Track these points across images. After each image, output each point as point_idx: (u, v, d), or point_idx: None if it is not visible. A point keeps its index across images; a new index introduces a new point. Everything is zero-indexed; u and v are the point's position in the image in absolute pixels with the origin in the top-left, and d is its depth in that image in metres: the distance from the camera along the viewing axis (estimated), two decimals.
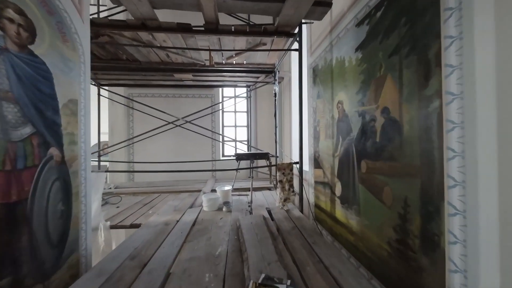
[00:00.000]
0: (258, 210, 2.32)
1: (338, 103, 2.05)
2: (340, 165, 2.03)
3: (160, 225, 2.00)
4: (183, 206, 2.61)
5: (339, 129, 2.05)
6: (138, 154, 4.57)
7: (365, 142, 1.63)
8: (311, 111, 2.76)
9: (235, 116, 5.00)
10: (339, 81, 2.03)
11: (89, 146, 1.81)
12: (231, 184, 3.67)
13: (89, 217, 1.79)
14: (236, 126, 5.01)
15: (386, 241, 1.43)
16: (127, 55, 2.99)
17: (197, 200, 2.84)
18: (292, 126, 3.66)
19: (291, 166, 2.19)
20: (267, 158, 2.41)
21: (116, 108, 4.65)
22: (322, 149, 2.46)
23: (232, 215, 2.21)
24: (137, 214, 2.49)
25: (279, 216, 2.07)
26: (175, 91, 4.60)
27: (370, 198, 1.58)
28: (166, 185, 3.93)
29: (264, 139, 4.62)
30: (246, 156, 2.43)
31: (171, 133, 4.49)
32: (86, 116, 1.76)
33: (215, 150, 4.64)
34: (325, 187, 2.36)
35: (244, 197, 2.97)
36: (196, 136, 4.40)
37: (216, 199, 2.37)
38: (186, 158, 4.54)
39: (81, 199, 1.70)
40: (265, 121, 4.63)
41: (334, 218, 2.15)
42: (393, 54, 1.33)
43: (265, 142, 4.59)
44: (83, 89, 1.73)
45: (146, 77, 3.78)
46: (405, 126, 1.25)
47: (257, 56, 2.95)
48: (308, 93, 2.79)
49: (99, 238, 2.12)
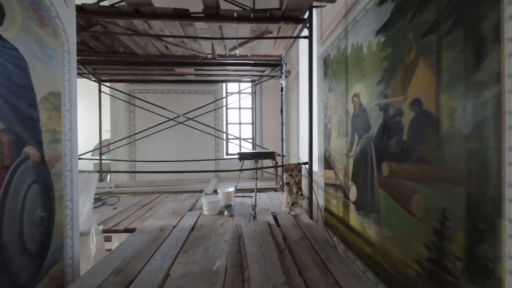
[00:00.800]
0: (262, 214, 2.12)
1: (353, 96, 1.81)
2: (356, 167, 1.80)
3: (155, 231, 1.82)
4: (183, 208, 2.43)
5: (355, 126, 1.81)
6: (140, 152, 4.44)
7: (388, 140, 1.39)
8: (321, 107, 2.52)
9: (239, 112, 4.79)
10: (355, 71, 1.79)
11: (76, 145, 1.64)
12: (235, 184, 3.48)
13: (76, 222, 1.63)
14: (240, 123, 4.81)
15: (414, 259, 1.19)
16: (124, 47, 2.82)
17: (197, 202, 2.66)
18: (300, 123, 3.43)
19: (299, 167, 1.98)
20: (272, 157, 2.20)
21: (118, 105, 4.52)
22: (333, 148, 2.23)
23: (234, 220, 2.02)
24: (133, 217, 2.33)
25: (286, 222, 1.86)
26: (177, 87, 4.43)
27: (393, 206, 1.34)
28: (168, 184, 3.78)
29: (269, 137, 4.40)
30: (250, 156, 2.23)
31: (173, 131, 4.33)
32: (72, 112, 1.59)
33: (218, 149, 4.46)
34: (337, 190, 2.13)
35: (248, 199, 2.77)
36: (198, 134, 4.23)
37: (217, 202, 2.18)
38: (188, 156, 4.37)
39: (66, 203, 1.54)
40: (270, 118, 4.40)
41: (348, 225, 1.92)
42: (428, 33, 1.09)
43: (271, 140, 4.37)
44: (68, 81, 1.56)
45: (146, 72, 3.62)
46: (444, 121, 1.01)
47: (262, 47, 2.73)
48: (318, 86, 2.54)
49: (90, 244, 1.97)
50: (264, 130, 4.41)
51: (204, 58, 3.00)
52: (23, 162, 1.23)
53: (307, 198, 2.13)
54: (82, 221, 1.99)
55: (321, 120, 2.50)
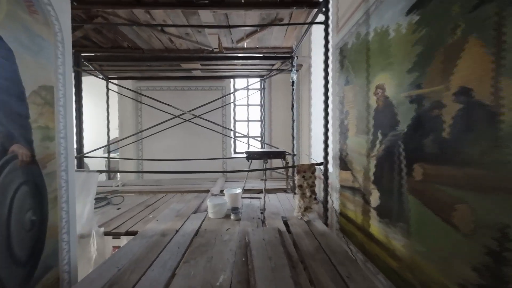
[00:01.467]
0: (272, 219, 1.95)
1: (376, 89, 1.59)
2: (379, 168, 1.58)
3: (156, 235, 1.70)
4: (187, 210, 2.30)
5: (378, 122, 1.59)
6: (147, 150, 4.38)
7: (422, 138, 1.17)
8: (336, 101, 2.30)
9: (247, 110, 4.62)
10: (378, 59, 1.57)
11: (71, 143, 1.53)
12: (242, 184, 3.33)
13: (73, 225, 1.52)
14: (248, 121, 4.64)
15: (457, 282, 0.99)
16: (128, 42, 2.71)
17: (203, 203, 2.53)
18: (312, 120, 3.21)
19: (313, 168, 1.79)
20: (283, 157, 2.02)
21: (126, 102, 4.48)
22: (351, 147, 2.01)
23: (241, 224, 1.86)
24: (136, 218, 2.22)
25: (299, 229, 1.68)
26: (184, 84, 4.31)
27: (428, 217, 1.13)
28: (174, 183, 3.69)
29: (279, 135, 4.21)
30: (259, 155, 2.06)
31: (180, 129, 4.23)
32: (67, 107, 1.48)
33: (226, 147, 4.32)
34: (355, 193, 1.92)
35: (256, 201, 2.61)
36: (205, 132, 4.10)
37: (223, 204, 2.03)
38: (195, 155, 4.27)
39: (61, 205, 1.43)
40: (280, 115, 4.21)
41: (368, 233, 1.72)
42: (482, 4, 0.87)
43: (280, 138, 4.17)
44: (62, 74, 1.45)
45: (152, 68, 3.52)
46: (506, 114, 0.80)
47: (271, 38, 2.53)
48: (333, 79, 2.32)
49: (91, 247, 1.88)
50: (273, 128, 4.22)
51: (210, 52, 2.84)
52: (9, 161, 1.12)
53: (322, 202, 1.94)
54: (83, 223, 1.90)
55: (337, 116, 2.29)
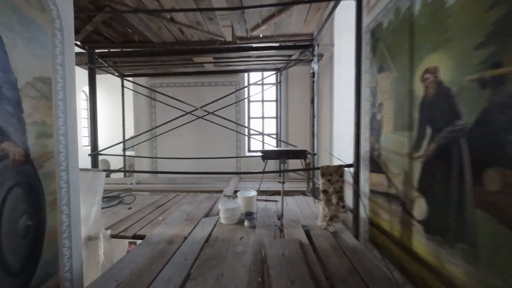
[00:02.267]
0: (291, 228, 1.71)
1: (425, 73, 1.28)
2: (427, 172, 1.28)
3: (163, 242, 1.54)
4: (198, 213, 2.14)
5: (426, 114, 1.29)
6: (161, 148, 4.33)
7: (501, 134, 0.87)
8: (366, 93, 1.99)
9: (262, 105, 4.39)
10: (428, 37, 1.26)
11: (74, 140, 1.41)
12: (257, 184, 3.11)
13: (76, 230, 1.41)
14: (263, 117, 4.41)
15: None
16: (138, 35, 2.59)
17: (215, 206, 2.35)
18: (334, 116, 2.90)
19: (340, 171, 1.52)
20: (304, 157, 1.78)
21: (140, 100, 4.45)
22: (386, 146, 1.71)
23: (256, 233, 1.65)
24: (145, 220, 2.10)
25: (324, 243, 1.43)
26: (197, 79, 4.18)
27: (509, 240, 0.84)
28: (187, 182, 3.57)
29: (296, 133, 3.93)
30: (276, 155, 1.83)
31: (193, 126, 4.12)
32: (67, 101, 1.36)
33: (240, 145, 4.13)
34: (391, 201, 1.62)
35: (272, 205, 2.39)
36: (219, 129, 3.94)
37: (236, 209, 1.83)
38: (208, 152, 4.14)
39: (62, 208, 1.32)
40: (297, 110, 3.92)
41: (409, 250, 1.42)
42: None
43: (298, 136, 3.90)
44: (61, 65, 1.32)
45: (164, 63, 3.41)
46: None
47: (290, 23, 2.27)
48: (363, 67, 2.02)
49: (99, 250, 1.78)
50: (290, 125, 3.96)
51: (223, 43, 2.65)
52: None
53: (351, 211, 1.66)
54: (90, 225, 1.81)
55: (367, 110, 1.98)
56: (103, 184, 1.82)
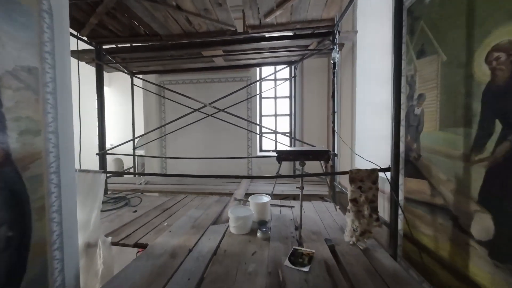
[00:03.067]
0: (312, 242, 1.47)
1: (493, 52, 0.99)
2: (495, 180, 0.99)
3: (165, 255, 1.36)
4: (206, 219, 1.95)
5: (495, 105, 1.00)
6: (170, 147, 4.22)
7: None
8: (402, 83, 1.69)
9: (275, 102, 4.14)
10: (500, 3, 0.97)
11: (68, 138, 1.25)
12: (270, 188, 2.88)
13: (71, 239, 1.25)
14: (276, 115, 4.16)
15: None
16: (144, 27, 2.44)
17: (224, 211, 2.16)
18: (356, 112, 2.61)
19: (374, 176, 1.26)
20: (327, 158, 1.52)
21: (150, 98, 4.36)
22: (428, 146, 1.42)
23: (270, 247, 1.43)
24: (149, 225, 1.94)
25: (355, 265, 1.18)
26: (206, 76, 4.01)
27: None
28: (196, 183, 3.42)
29: (311, 131, 3.65)
30: (293, 155, 1.59)
31: (203, 125, 3.96)
32: (59, 94, 1.19)
33: (251, 144, 3.91)
34: (435, 213, 1.34)
35: (287, 211, 2.15)
36: (229, 128, 3.75)
37: (248, 217, 1.62)
38: (218, 151, 3.97)
39: (51, 215, 1.16)
40: (313, 107, 3.64)
41: (463, 277, 1.14)
42: None
43: (314, 134, 3.62)
44: (50, 53, 1.15)
45: (173, 58, 3.25)
46: None
47: (308, 7, 2.01)
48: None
49: (98, 259, 1.63)
50: (305, 122, 3.68)
51: (233, 33, 2.43)
52: None
53: (386, 224, 1.39)
54: (90, 231, 1.67)
55: (401, 103, 1.68)
56: (103, 187, 1.67)
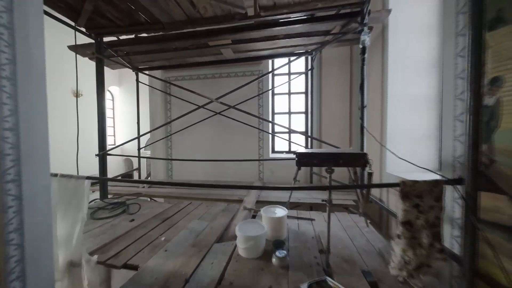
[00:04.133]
0: (345, 275, 1.12)
1: None
2: None
3: (155, 286, 1.06)
4: (210, 234, 1.65)
5: None
6: (176, 147, 3.97)
7: None
8: (458, 67, 1.30)
9: (288, 98, 3.78)
10: None
11: (40, 138, 0.98)
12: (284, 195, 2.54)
13: (40, 264, 0.99)
14: (290, 112, 3.80)
15: None
16: (143, 13, 2.18)
17: (232, 223, 1.84)
18: (388, 106, 2.21)
19: (438, 191, 0.89)
20: (363, 164, 1.16)
21: (156, 96, 4.15)
22: (509, 149, 1.02)
23: (290, 279, 1.09)
24: (145, 239, 1.67)
25: None
26: (214, 71, 3.73)
27: None
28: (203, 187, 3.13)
29: (330, 130, 3.26)
30: (317, 160, 1.24)
31: (210, 123, 3.68)
32: (21, 81, 0.93)
33: (263, 145, 3.58)
34: None
35: (307, 225, 1.80)
36: (238, 127, 3.45)
37: (260, 238, 1.29)
38: (227, 152, 3.67)
39: (7, 236, 0.90)
40: (332, 103, 3.24)
41: None
42: None
43: (333, 133, 3.22)
44: (7, 27, 0.89)
45: (177, 50, 2.99)
46: None
47: None
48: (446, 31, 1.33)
49: (82, 281, 1.37)
50: (323, 120, 3.29)
51: (243, 17, 2.12)
52: None
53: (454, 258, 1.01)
54: (72, 248, 1.41)
55: (458, 93, 1.29)
56: (88, 195, 1.41)
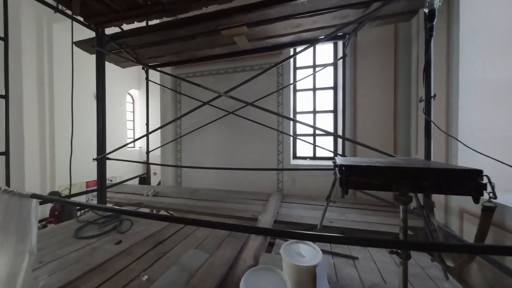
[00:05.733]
0: None
1: None
2: None
3: None
4: (207, 275, 1.16)
5: None
6: (186, 151, 3.61)
7: None
8: None
9: (313, 95, 3.22)
10: None
11: None
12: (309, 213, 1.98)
13: None
14: (315, 111, 3.24)
15: None
16: None
17: (241, 257, 1.34)
18: (460, 99, 1.56)
19: None
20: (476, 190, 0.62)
21: (167, 95, 3.86)
22: None
23: None
24: (122, 277, 1.23)
25: None
26: (228, 65, 3.31)
27: None
28: (212, 198, 2.69)
29: (369, 131, 2.63)
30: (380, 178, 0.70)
31: (223, 124, 3.26)
32: None
33: (282, 149, 3.05)
34: None
35: (347, 268, 1.23)
36: (254, 128, 2.97)
37: None
38: (241, 157, 3.21)
39: None
40: (372, 97, 2.61)
41: None
42: None
43: (371, 136, 2.59)
44: None
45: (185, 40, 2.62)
46: None
47: None
48: None
49: None
50: (358, 119, 2.67)
51: None
52: None
53: None
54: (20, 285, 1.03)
55: None
56: (36, 219, 1.01)
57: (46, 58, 5.67)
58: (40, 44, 5.02)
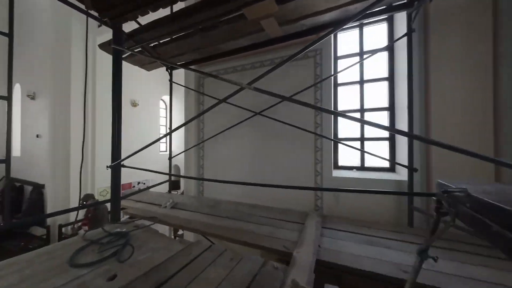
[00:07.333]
0: None
1: None
2: None
3: None
4: None
5: None
6: (209, 158, 3.26)
7: None
8: None
9: (361, 90, 2.57)
10: None
11: None
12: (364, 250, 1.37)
13: None
14: (363, 110, 2.58)
15: None
16: None
17: None
18: None
19: None
20: None
21: (190, 97, 3.61)
22: None
23: None
24: None
25: None
26: (255, 59, 2.88)
27: None
28: (234, 216, 2.25)
29: (451, 132, 1.88)
30: None
31: (250, 128, 2.83)
32: None
33: (321, 157, 2.46)
34: None
35: None
36: (286, 131, 2.46)
37: None
38: (270, 166, 2.73)
39: None
40: (455, 86, 1.86)
41: None
42: None
43: (455, 138, 1.84)
44: None
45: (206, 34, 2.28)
46: None
47: None
48: None
49: None
50: (433, 117, 1.94)
51: None
52: None
53: None
54: None
55: None
56: None
57: (90, 68, 6.08)
58: (85, 55, 5.37)
